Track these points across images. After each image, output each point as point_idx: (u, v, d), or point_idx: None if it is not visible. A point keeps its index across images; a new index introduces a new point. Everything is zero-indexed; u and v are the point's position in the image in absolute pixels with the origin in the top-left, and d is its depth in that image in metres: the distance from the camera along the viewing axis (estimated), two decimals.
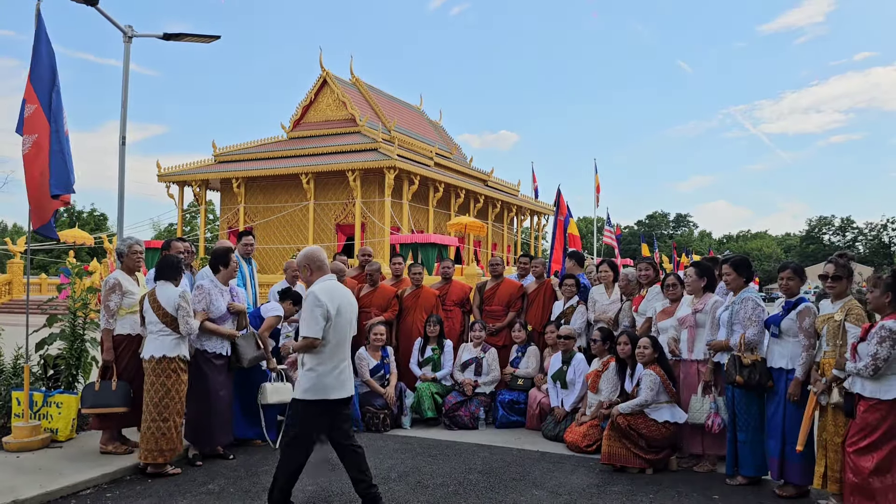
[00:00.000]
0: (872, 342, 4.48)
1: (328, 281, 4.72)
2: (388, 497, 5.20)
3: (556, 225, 13.00)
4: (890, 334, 4.42)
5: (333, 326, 4.58)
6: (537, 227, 42.12)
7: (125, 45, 7.92)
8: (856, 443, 4.62)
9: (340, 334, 4.66)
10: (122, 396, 5.96)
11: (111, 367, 6.03)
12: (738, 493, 5.44)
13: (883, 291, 4.61)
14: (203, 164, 30.95)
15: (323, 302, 4.53)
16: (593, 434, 6.58)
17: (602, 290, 7.77)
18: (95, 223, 57.09)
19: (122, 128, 7.89)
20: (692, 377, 6.14)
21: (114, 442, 6.10)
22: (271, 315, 6.72)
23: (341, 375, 4.65)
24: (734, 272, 5.86)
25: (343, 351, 4.71)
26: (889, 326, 4.45)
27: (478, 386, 7.80)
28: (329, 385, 4.58)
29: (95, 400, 5.94)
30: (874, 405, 4.55)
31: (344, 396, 4.68)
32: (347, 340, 4.76)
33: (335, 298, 4.62)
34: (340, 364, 4.66)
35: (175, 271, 5.86)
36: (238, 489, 5.38)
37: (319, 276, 4.74)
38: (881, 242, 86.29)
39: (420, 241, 21.59)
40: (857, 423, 4.64)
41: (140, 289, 6.23)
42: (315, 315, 4.51)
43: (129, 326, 6.13)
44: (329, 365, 4.59)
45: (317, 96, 31.71)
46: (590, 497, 5.30)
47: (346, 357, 4.74)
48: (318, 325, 4.51)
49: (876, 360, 4.45)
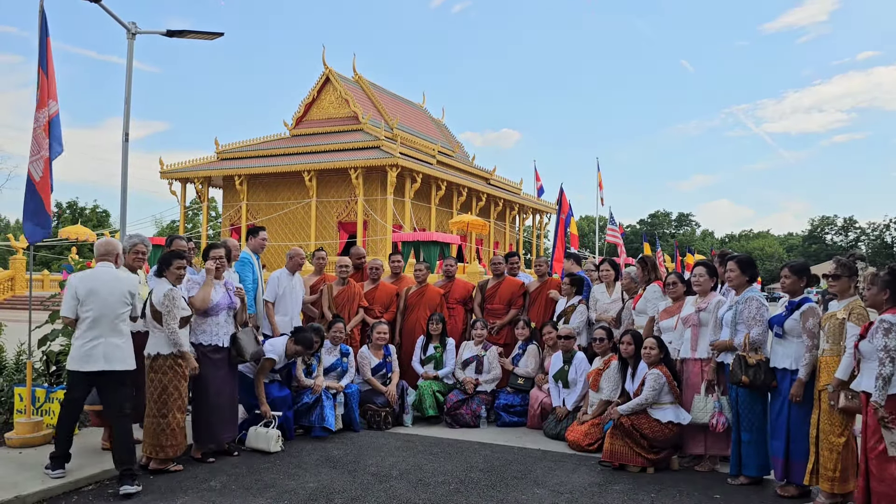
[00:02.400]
0: (878, 336, 4.38)
1: (97, 267, 5.45)
2: (390, 495, 5.20)
3: (558, 223, 13.01)
4: (892, 326, 4.35)
5: (84, 305, 5.24)
6: (539, 225, 42.09)
7: (129, 41, 7.92)
8: (874, 447, 4.39)
9: (96, 313, 5.25)
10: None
11: None
12: (740, 493, 5.44)
13: (881, 288, 4.58)
14: (205, 162, 30.97)
15: (73, 285, 5.31)
16: (595, 433, 6.58)
17: (603, 289, 7.76)
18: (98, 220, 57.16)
19: (125, 124, 7.90)
20: (695, 377, 6.12)
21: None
22: (266, 358, 6.62)
23: (93, 350, 5.22)
24: (738, 269, 5.84)
25: (99, 328, 5.25)
26: (888, 319, 4.40)
27: (479, 384, 7.79)
28: (81, 357, 5.21)
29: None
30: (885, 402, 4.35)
31: (96, 370, 5.21)
32: (106, 319, 5.28)
33: (88, 282, 5.31)
34: (95, 340, 5.24)
35: (161, 266, 5.82)
36: (240, 486, 5.38)
37: (100, 262, 5.49)
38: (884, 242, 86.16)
39: (422, 239, 21.57)
40: (871, 425, 4.43)
41: (141, 287, 6.11)
42: (66, 297, 5.33)
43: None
44: (83, 340, 5.24)
45: (319, 94, 31.72)
46: (591, 496, 5.29)
47: (104, 335, 5.26)
48: (68, 306, 5.30)
49: (889, 351, 4.30)
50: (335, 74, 31.10)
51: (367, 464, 6.04)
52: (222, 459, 6.12)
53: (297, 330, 6.95)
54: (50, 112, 6.16)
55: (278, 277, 7.83)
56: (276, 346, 6.74)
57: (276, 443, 6.37)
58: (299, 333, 6.84)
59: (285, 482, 5.49)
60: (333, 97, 31.32)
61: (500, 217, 36.32)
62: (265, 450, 6.31)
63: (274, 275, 7.90)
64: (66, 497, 5.07)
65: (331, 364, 7.44)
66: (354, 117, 30.26)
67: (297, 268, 7.96)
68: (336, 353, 7.51)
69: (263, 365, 6.61)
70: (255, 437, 6.41)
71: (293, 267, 7.92)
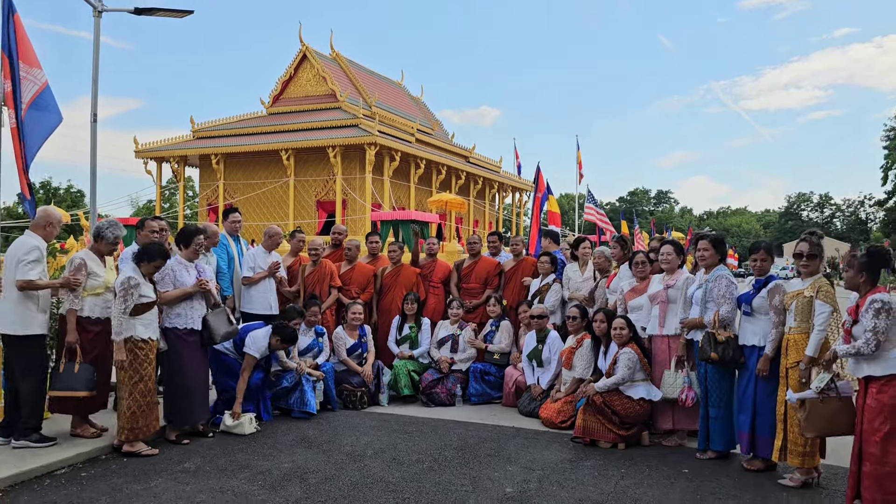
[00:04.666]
0: (868, 316, 4.37)
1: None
2: (364, 473, 5.25)
3: (534, 202, 13.05)
4: (883, 305, 4.35)
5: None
6: (519, 203, 42.15)
7: (95, 19, 7.77)
8: (878, 429, 4.31)
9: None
10: (84, 380, 5.68)
11: (75, 349, 5.73)
12: (707, 467, 5.56)
13: (857, 271, 4.60)
14: (181, 140, 30.53)
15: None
16: (568, 410, 6.67)
17: (576, 267, 7.83)
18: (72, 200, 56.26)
19: (93, 104, 7.76)
20: (662, 353, 6.22)
21: (83, 424, 5.97)
22: (248, 354, 6.54)
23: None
24: (712, 248, 5.91)
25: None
26: (879, 298, 4.39)
27: (454, 363, 7.85)
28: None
29: (58, 384, 5.67)
30: (885, 383, 4.35)
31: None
32: (5, 282, 5.62)
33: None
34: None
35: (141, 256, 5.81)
36: (214, 467, 5.40)
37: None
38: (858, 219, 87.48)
39: (401, 218, 21.49)
40: (873, 407, 4.37)
41: (107, 271, 6.04)
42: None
43: (87, 309, 5.84)
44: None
45: (296, 71, 31.29)
46: (563, 471, 5.38)
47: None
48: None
49: (876, 333, 4.31)
50: (312, 52, 30.68)
51: (342, 443, 6.08)
52: (197, 441, 6.13)
53: (278, 324, 6.78)
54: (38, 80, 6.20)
55: (254, 255, 7.84)
56: (257, 342, 6.56)
57: (251, 424, 6.39)
58: (282, 329, 6.68)
59: (260, 463, 5.52)
60: (311, 75, 30.92)
61: (479, 195, 36.26)
62: (240, 432, 6.32)
63: (250, 252, 7.91)
64: (38, 480, 5.05)
65: (307, 346, 7.44)
66: (332, 95, 29.93)
67: (274, 246, 7.95)
68: (311, 333, 7.51)
69: (247, 362, 6.56)
70: (229, 423, 6.40)
71: (270, 245, 7.91)
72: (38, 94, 6.17)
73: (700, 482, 5.19)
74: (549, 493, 4.91)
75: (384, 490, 4.92)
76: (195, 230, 6.44)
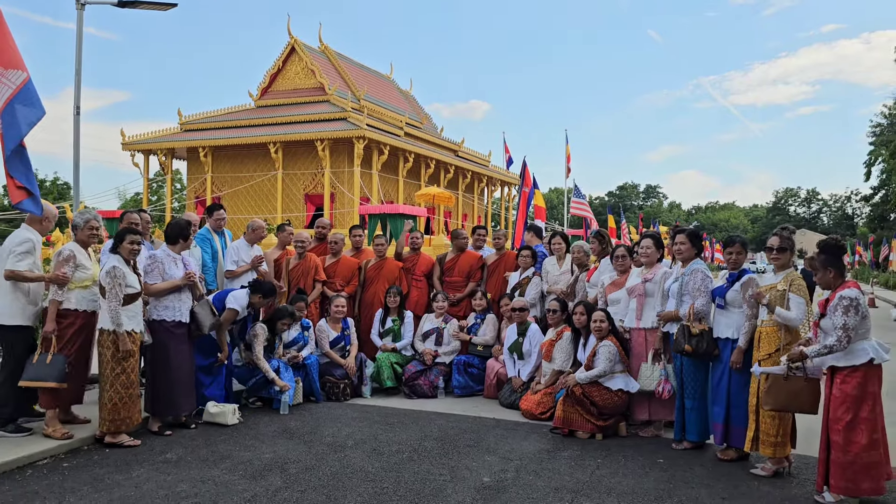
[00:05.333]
0: (837, 314, 4.47)
1: None
2: (344, 464, 5.32)
3: (520, 197, 13.15)
4: (851, 302, 4.46)
5: None
6: (508, 197, 42.25)
7: (78, 11, 7.76)
8: (841, 418, 4.48)
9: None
10: (55, 372, 5.58)
11: (51, 339, 5.66)
12: (682, 457, 5.67)
13: (822, 268, 4.72)
14: (169, 133, 30.40)
15: None
16: (547, 402, 6.76)
17: (554, 261, 7.93)
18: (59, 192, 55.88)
19: (76, 97, 7.77)
20: (639, 346, 6.32)
21: (55, 423, 5.73)
22: (229, 307, 6.70)
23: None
24: (689, 243, 6.01)
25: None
26: (847, 295, 4.50)
27: (438, 356, 7.93)
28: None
29: (29, 373, 5.58)
30: (848, 374, 4.50)
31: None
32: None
33: None
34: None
35: (115, 241, 5.86)
36: (196, 458, 5.46)
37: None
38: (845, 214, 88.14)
39: (389, 212, 21.54)
40: (837, 396, 4.52)
41: (93, 264, 6.07)
42: None
43: (75, 301, 5.84)
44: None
45: (285, 64, 31.21)
46: (540, 462, 5.47)
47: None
48: None
49: (847, 330, 4.43)
50: (301, 44, 30.61)
51: (323, 434, 6.15)
52: (179, 432, 6.18)
53: (254, 282, 7.07)
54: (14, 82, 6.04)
55: (237, 248, 7.89)
56: (238, 298, 6.80)
57: (234, 415, 6.45)
58: (259, 285, 6.98)
59: (241, 453, 5.58)
60: (299, 68, 30.85)
61: (468, 189, 36.34)
62: (223, 423, 6.38)
63: (233, 245, 7.96)
64: (20, 471, 5.09)
65: (293, 339, 7.51)
66: (321, 88, 29.88)
67: (257, 239, 8.01)
68: (297, 327, 7.57)
69: (226, 316, 6.70)
70: (212, 411, 6.47)
71: (253, 238, 7.97)
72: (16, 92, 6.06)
73: (674, 472, 5.30)
74: (525, 482, 5.00)
75: (363, 479, 4.99)
76: (187, 223, 6.50)
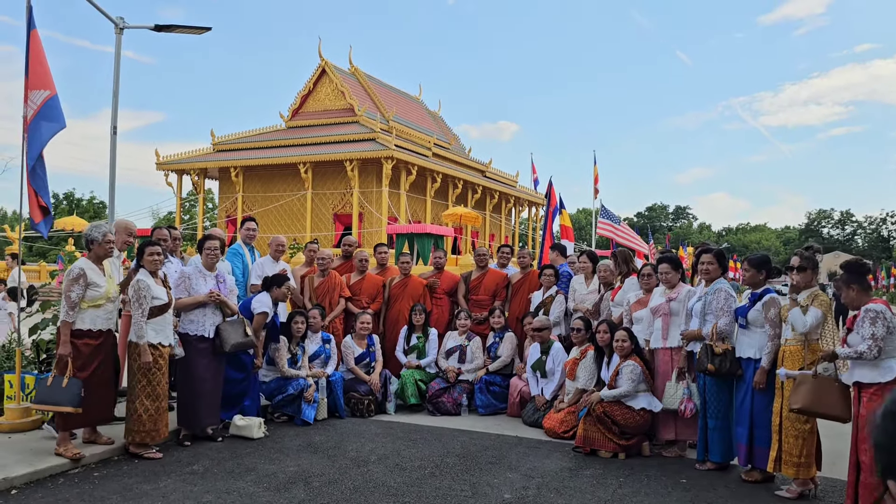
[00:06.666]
0: (865, 325, 4.47)
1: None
2: (366, 478, 5.38)
3: (546, 216, 13.19)
4: (877, 314, 4.46)
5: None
6: (535, 218, 42.22)
7: (117, 36, 8.05)
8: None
9: None
10: (71, 395, 5.45)
11: (67, 362, 5.53)
12: (706, 478, 5.62)
13: (846, 287, 4.71)
14: (201, 153, 31.03)
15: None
16: (571, 420, 6.75)
17: (581, 279, 7.94)
18: (94, 211, 57.21)
19: (113, 117, 8.03)
20: (665, 365, 6.30)
21: (66, 443, 5.63)
22: (257, 313, 6.89)
23: None
24: (716, 262, 6.01)
25: None
26: (873, 308, 4.51)
27: (461, 373, 7.97)
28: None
29: (43, 395, 5.48)
30: (875, 391, 4.46)
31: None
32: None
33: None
34: None
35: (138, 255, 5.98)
36: (222, 469, 5.56)
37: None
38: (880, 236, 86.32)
39: (417, 232, 21.71)
40: (864, 415, 4.47)
41: (107, 280, 5.84)
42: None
43: (88, 321, 5.67)
44: None
45: (315, 86, 31.75)
46: (562, 480, 5.47)
47: None
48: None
49: (875, 339, 4.41)
50: (331, 66, 31.14)
51: (346, 449, 6.21)
52: (206, 445, 6.29)
53: (267, 279, 7.25)
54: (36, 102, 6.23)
55: (262, 263, 8.05)
56: (262, 301, 6.99)
57: (259, 429, 6.55)
58: (271, 279, 7.18)
59: (266, 466, 5.67)
60: (329, 89, 31.36)
61: (495, 209, 36.43)
62: (248, 436, 6.48)
63: (258, 261, 8.13)
64: (52, 479, 5.23)
65: (314, 351, 7.61)
66: (350, 109, 30.32)
67: (278, 255, 8.18)
68: (318, 340, 7.69)
69: (258, 321, 6.87)
70: (239, 424, 6.58)
71: (277, 254, 8.16)
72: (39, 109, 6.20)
73: (697, 492, 5.26)
74: (546, 500, 5.01)
75: (385, 494, 5.04)
76: (207, 236, 6.69)
